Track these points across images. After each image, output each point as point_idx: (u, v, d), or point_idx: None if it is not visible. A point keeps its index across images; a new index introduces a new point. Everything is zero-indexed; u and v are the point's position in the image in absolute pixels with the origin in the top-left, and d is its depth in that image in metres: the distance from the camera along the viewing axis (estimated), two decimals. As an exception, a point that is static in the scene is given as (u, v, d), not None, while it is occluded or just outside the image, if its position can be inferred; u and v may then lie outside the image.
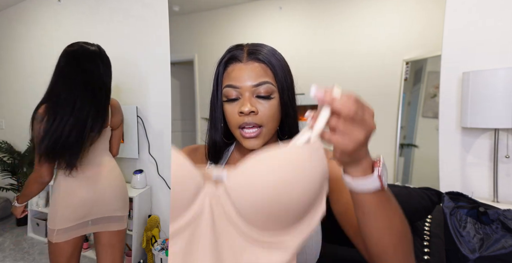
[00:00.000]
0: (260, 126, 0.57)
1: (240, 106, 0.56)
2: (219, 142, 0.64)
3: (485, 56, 1.29)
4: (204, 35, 2.42)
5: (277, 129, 0.61)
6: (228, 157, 0.68)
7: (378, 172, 0.39)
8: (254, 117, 0.56)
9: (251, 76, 0.56)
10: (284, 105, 0.58)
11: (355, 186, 0.40)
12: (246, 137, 0.57)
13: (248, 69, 0.56)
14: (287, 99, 0.58)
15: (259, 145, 0.58)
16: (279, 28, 2.14)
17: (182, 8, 2.29)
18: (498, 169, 1.24)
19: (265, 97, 0.56)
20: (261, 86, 0.56)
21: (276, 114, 0.58)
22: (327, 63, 1.91)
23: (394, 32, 1.77)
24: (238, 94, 0.57)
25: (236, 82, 0.56)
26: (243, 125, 0.56)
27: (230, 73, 0.58)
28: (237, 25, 2.32)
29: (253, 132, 0.56)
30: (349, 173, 0.40)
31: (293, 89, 0.61)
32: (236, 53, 0.58)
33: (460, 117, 1.33)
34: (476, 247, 0.91)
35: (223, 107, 0.60)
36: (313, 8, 2.04)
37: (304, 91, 0.58)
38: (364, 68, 1.85)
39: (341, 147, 0.36)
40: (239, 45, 0.60)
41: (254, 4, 2.24)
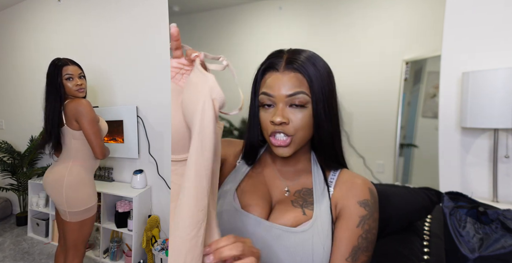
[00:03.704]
0: (291, 135, 0.57)
1: (273, 115, 0.57)
2: (255, 145, 0.66)
3: (485, 56, 1.29)
4: (204, 35, 2.42)
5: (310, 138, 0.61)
6: (259, 157, 0.70)
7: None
8: (285, 127, 0.57)
9: (285, 86, 0.56)
10: (317, 117, 0.58)
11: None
12: (275, 145, 0.58)
13: (284, 79, 0.57)
14: (321, 110, 0.57)
15: (289, 153, 0.58)
16: (279, 28, 2.14)
17: (182, 8, 2.29)
18: (497, 169, 1.24)
19: (298, 106, 0.57)
20: (295, 96, 0.56)
21: (308, 124, 0.58)
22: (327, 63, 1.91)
23: (394, 32, 1.77)
24: (272, 102, 0.58)
25: (271, 90, 0.57)
26: (273, 134, 0.58)
27: (266, 81, 0.59)
28: (237, 25, 2.32)
29: (283, 141, 0.57)
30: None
31: (331, 101, 0.59)
32: (274, 61, 0.59)
33: (459, 117, 1.33)
34: (476, 247, 0.91)
35: (259, 113, 0.61)
36: (313, 8, 2.04)
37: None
38: (364, 68, 1.85)
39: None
40: (280, 52, 0.61)
41: (254, 4, 2.24)
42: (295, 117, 0.57)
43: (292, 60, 0.58)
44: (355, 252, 0.57)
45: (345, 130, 0.66)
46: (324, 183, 0.63)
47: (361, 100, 1.88)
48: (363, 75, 1.84)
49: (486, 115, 1.17)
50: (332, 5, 1.98)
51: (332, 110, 0.60)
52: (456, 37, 1.35)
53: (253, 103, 0.63)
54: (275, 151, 0.59)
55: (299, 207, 0.60)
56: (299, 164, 0.66)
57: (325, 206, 0.59)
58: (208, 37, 2.42)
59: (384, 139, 1.78)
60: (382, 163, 1.80)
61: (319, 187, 0.62)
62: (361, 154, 1.84)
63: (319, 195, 0.61)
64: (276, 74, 0.58)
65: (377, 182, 1.57)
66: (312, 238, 0.55)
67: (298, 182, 0.65)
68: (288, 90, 0.56)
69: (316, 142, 0.61)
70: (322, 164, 0.64)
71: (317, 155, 0.65)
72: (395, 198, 0.94)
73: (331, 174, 0.64)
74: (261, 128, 0.61)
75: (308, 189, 0.63)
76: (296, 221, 0.58)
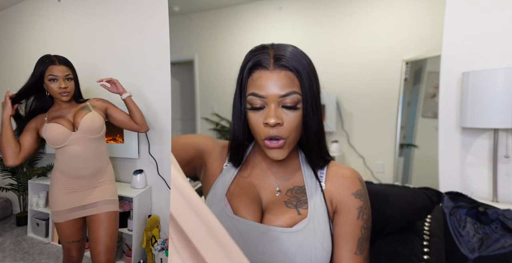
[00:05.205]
0: (285, 138, 0.55)
1: (266, 117, 0.54)
2: (242, 147, 0.63)
3: (485, 56, 1.29)
4: (204, 35, 2.42)
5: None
6: (245, 157, 0.67)
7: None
8: (279, 129, 0.54)
9: (277, 86, 0.53)
10: (305, 116, 0.56)
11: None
12: (270, 147, 0.55)
13: (275, 78, 0.53)
14: (310, 109, 0.55)
15: (284, 155, 0.56)
16: (279, 28, 2.14)
17: (182, 8, 2.29)
18: (497, 169, 1.24)
19: (291, 107, 0.54)
20: (288, 97, 0.53)
21: (300, 124, 0.56)
22: (327, 63, 1.91)
23: (394, 32, 1.77)
24: (263, 103, 0.54)
25: (262, 91, 0.54)
26: (268, 137, 0.55)
27: (255, 81, 0.55)
28: (237, 25, 2.32)
29: (277, 142, 0.55)
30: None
31: (318, 98, 0.58)
32: (261, 59, 0.55)
33: (459, 117, 1.33)
34: (476, 246, 0.91)
35: (247, 115, 0.57)
36: (313, 8, 2.04)
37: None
38: (364, 68, 1.85)
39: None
40: (264, 47, 0.57)
41: (254, 4, 2.24)
42: (288, 117, 0.54)
43: (281, 56, 0.54)
44: (361, 244, 0.57)
45: (345, 130, 0.66)
46: (316, 179, 0.62)
47: (361, 100, 1.88)
48: (363, 75, 1.85)
49: (486, 115, 1.18)
50: (332, 5, 1.98)
51: (319, 107, 0.58)
52: (456, 37, 1.35)
53: (238, 103, 0.59)
54: (269, 154, 0.57)
55: (293, 208, 0.58)
56: (287, 163, 0.64)
57: (319, 202, 0.59)
58: (208, 37, 2.42)
59: (384, 139, 1.78)
60: (382, 163, 1.80)
61: (310, 183, 0.61)
62: (361, 154, 1.84)
63: (312, 191, 0.60)
64: (266, 73, 0.54)
65: (377, 182, 1.57)
66: (310, 236, 0.55)
67: (289, 180, 0.63)
68: (281, 90, 0.53)
69: (304, 141, 0.59)
70: (311, 163, 0.62)
71: (305, 154, 0.63)
72: (395, 198, 0.94)
73: (320, 169, 0.63)
74: (252, 131, 0.58)
75: (300, 186, 0.62)
76: (292, 222, 0.57)
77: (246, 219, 0.58)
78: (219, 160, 0.68)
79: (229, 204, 0.61)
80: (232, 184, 0.64)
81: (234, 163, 0.66)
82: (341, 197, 0.59)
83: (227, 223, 0.59)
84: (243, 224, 0.57)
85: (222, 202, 0.61)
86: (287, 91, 0.53)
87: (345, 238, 0.57)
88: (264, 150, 0.58)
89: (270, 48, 0.56)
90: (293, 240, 0.55)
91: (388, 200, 0.93)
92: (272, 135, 0.54)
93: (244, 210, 0.59)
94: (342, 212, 0.59)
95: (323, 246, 0.55)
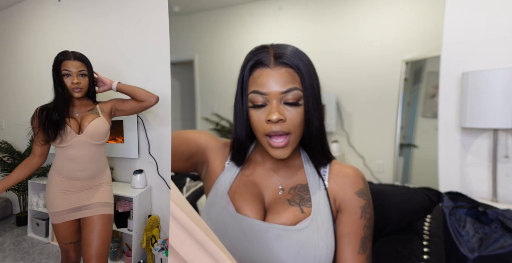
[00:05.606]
0: (288, 134, 0.55)
1: (268, 114, 0.54)
2: (244, 146, 0.63)
3: (485, 56, 1.29)
4: (204, 35, 2.42)
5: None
6: (247, 156, 0.67)
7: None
8: (282, 125, 0.54)
9: (278, 83, 0.54)
10: (307, 113, 0.56)
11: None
12: (274, 146, 0.56)
13: (276, 75, 0.54)
14: (311, 106, 0.56)
15: (287, 154, 0.56)
16: (279, 28, 2.14)
17: (182, 8, 2.29)
18: (497, 169, 1.24)
19: (293, 104, 0.54)
20: (289, 93, 0.54)
21: (302, 121, 0.56)
22: (327, 63, 1.91)
23: (394, 32, 1.77)
24: (265, 101, 0.55)
25: (263, 88, 0.54)
26: (270, 134, 0.55)
27: (256, 79, 0.56)
28: (237, 25, 2.32)
29: (281, 141, 0.55)
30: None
31: (319, 96, 0.58)
32: (262, 57, 0.56)
33: (459, 117, 1.33)
34: (475, 246, 0.91)
35: (249, 113, 0.58)
36: (313, 8, 2.04)
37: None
38: (364, 68, 1.85)
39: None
40: (264, 47, 0.58)
41: (254, 4, 2.24)
42: (291, 114, 0.54)
43: (281, 54, 0.55)
44: (364, 242, 0.57)
45: (345, 130, 0.66)
46: (319, 177, 0.62)
47: (361, 100, 1.88)
48: (363, 75, 1.85)
49: (486, 115, 1.18)
50: (332, 5, 1.98)
51: (320, 105, 0.58)
52: (456, 37, 1.35)
53: (239, 103, 0.59)
54: (272, 153, 0.57)
55: (297, 206, 0.58)
56: (290, 161, 0.64)
57: (323, 201, 0.59)
58: (208, 37, 2.42)
59: (384, 139, 1.78)
60: (382, 163, 1.80)
61: (313, 181, 0.61)
62: (361, 154, 1.84)
63: (315, 189, 0.60)
64: (267, 71, 0.55)
65: (377, 182, 1.57)
66: (313, 235, 0.55)
67: (292, 178, 0.63)
68: (282, 87, 0.53)
69: (306, 139, 0.59)
70: (313, 161, 0.62)
71: (307, 152, 0.63)
72: (395, 198, 0.95)
73: (322, 167, 0.63)
74: (254, 130, 0.59)
75: (302, 184, 0.62)
76: (295, 220, 0.57)
77: (249, 217, 0.58)
78: (220, 157, 0.68)
79: (231, 202, 0.61)
80: (234, 182, 0.64)
81: (236, 162, 0.66)
82: (344, 196, 0.59)
83: (229, 221, 0.59)
84: (246, 222, 0.57)
85: (224, 200, 0.61)
86: (288, 87, 0.54)
87: (348, 237, 0.57)
88: (267, 149, 0.58)
89: (270, 48, 0.57)
90: (296, 238, 0.55)
91: (388, 200, 0.93)
92: (275, 129, 0.54)
93: (247, 208, 0.59)
94: (345, 211, 0.59)
95: (327, 245, 0.55)
